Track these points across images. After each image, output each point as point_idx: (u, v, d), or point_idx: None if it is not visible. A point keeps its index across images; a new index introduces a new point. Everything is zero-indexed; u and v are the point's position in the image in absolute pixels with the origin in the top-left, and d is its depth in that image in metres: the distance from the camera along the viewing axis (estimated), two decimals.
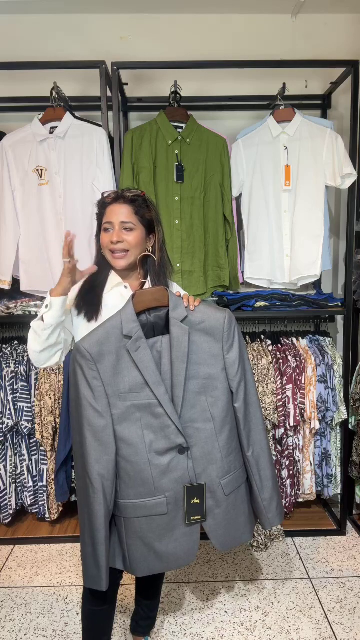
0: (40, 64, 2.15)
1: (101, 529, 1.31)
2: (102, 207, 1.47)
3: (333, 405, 2.29)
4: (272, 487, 1.47)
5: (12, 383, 2.28)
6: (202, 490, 1.37)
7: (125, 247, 1.43)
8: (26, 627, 1.84)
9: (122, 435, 1.33)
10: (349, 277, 2.27)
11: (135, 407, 1.33)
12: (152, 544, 1.37)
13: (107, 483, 1.32)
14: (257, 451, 1.45)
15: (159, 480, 1.34)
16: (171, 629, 1.83)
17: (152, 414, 1.33)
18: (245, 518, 1.47)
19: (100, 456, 1.31)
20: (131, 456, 1.33)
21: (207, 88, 2.48)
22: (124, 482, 1.35)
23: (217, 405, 1.38)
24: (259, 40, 2.50)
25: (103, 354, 1.31)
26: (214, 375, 1.38)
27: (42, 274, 2.21)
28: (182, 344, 1.33)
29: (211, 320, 1.37)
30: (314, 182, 2.20)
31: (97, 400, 1.31)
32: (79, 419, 1.32)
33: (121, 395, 1.32)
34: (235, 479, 1.42)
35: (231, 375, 1.39)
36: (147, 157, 2.17)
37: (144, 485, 1.34)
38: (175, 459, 1.35)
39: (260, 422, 1.47)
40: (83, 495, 1.34)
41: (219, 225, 2.24)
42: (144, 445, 1.33)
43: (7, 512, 2.35)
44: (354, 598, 1.96)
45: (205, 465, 1.38)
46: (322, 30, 2.52)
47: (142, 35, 2.49)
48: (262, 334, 2.44)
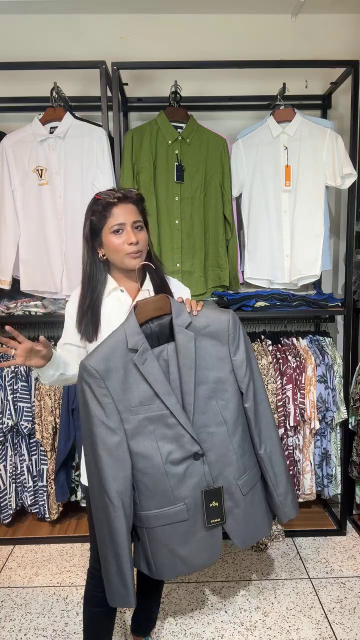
0: (40, 64, 2.15)
1: (125, 546, 1.31)
2: (105, 209, 1.41)
3: (333, 405, 2.29)
4: (286, 482, 1.48)
5: (12, 383, 2.28)
6: (219, 493, 1.37)
7: (139, 248, 1.40)
8: (26, 627, 1.84)
9: (137, 449, 1.32)
10: (349, 277, 2.27)
11: (147, 419, 1.32)
12: (176, 550, 1.36)
13: (125, 499, 1.31)
14: (269, 448, 1.45)
15: (177, 488, 1.34)
16: (171, 629, 1.83)
17: (165, 424, 1.32)
18: (263, 514, 1.47)
19: (117, 473, 1.29)
20: (147, 469, 1.33)
21: (207, 88, 2.48)
22: (143, 494, 1.34)
23: (228, 408, 1.38)
24: (259, 40, 2.50)
25: (110, 370, 1.29)
26: (222, 378, 1.37)
27: (42, 274, 2.21)
28: (188, 351, 1.32)
29: (215, 324, 1.36)
30: (314, 182, 2.20)
31: (109, 417, 1.29)
32: (91, 438, 1.30)
33: (132, 409, 1.31)
34: (251, 478, 1.42)
35: (240, 376, 1.39)
36: (147, 157, 2.17)
37: (163, 495, 1.33)
38: (191, 466, 1.35)
39: (271, 419, 1.47)
40: (102, 513, 1.32)
41: (219, 225, 2.24)
42: (159, 456, 1.32)
43: (7, 512, 2.35)
44: (354, 598, 1.96)
45: (222, 468, 1.38)
46: (322, 30, 2.52)
47: (142, 35, 2.49)
48: (262, 334, 2.44)
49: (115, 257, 1.42)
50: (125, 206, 1.41)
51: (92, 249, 1.45)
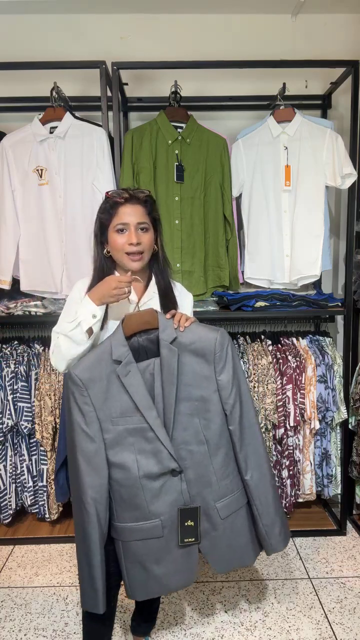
0: (40, 64, 2.15)
1: (96, 553, 1.32)
2: (112, 208, 1.42)
3: (333, 405, 2.29)
4: (274, 513, 1.44)
5: (12, 383, 2.28)
6: (196, 512, 1.35)
7: (141, 249, 1.40)
8: (26, 627, 1.84)
9: (115, 460, 1.33)
10: (349, 277, 2.27)
11: (127, 431, 1.33)
12: (149, 567, 1.36)
13: (100, 507, 1.32)
14: (256, 476, 1.41)
15: (152, 503, 1.33)
16: (171, 629, 1.83)
17: (144, 438, 1.32)
18: (245, 541, 1.44)
19: (93, 480, 1.31)
20: (124, 480, 1.33)
21: (207, 88, 2.48)
22: (119, 505, 1.35)
23: (210, 428, 1.36)
24: (259, 40, 2.50)
25: (94, 380, 1.30)
26: (206, 397, 1.35)
27: (42, 274, 2.20)
28: (171, 366, 1.31)
29: (202, 341, 1.34)
30: (314, 182, 2.20)
31: (88, 425, 1.31)
32: (72, 444, 1.33)
33: (113, 419, 1.32)
34: (233, 503, 1.40)
35: (224, 397, 1.36)
36: (147, 157, 2.17)
37: (138, 509, 1.34)
38: (168, 482, 1.34)
39: (260, 446, 1.43)
40: (78, 518, 1.34)
41: (219, 225, 2.24)
42: (136, 469, 1.32)
43: (7, 512, 2.35)
44: (354, 598, 1.96)
45: (201, 487, 1.36)
46: (322, 30, 2.52)
47: (142, 35, 2.49)
48: (262, 334, 2.44)
49: (117, 256, 1.43)
50: (132, 206, 1.41)
51: (101, 244, 1.47)
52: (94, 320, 1.35)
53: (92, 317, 1.35)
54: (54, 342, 1.42)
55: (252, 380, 2.23)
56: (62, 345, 1.37)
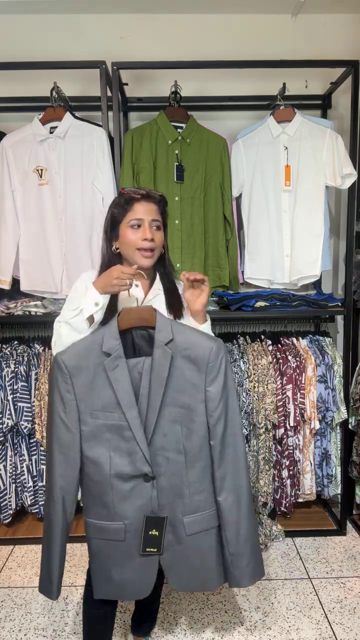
0: (40, 64, 2.15)
1: (56, 541, 1.31)
2: (127, 203, 1.42)
3: (333, 405, 2.29)
4: (243, 542, 1.33)
5: (12, 383, 2.28)
6: (162, 522, 1.30)
7: (153, 246, 1.41)
8: (26, 627, 1.84)
9: (89, 454, 1.30)
10: (349, 277, 2.27)
11: (105, 426, 1.29)
12: (109, 570, 1.34)
13: (67, 497, 1.31)
14: (230, 499, 1.32)
15: (119, 505, 1.30)
16: (171, 629, 1.83)
17: (121, 436, 1.29)
18: (212, 564, 1.36)
19: (65, 470, 1.30)
20: (95, 475, 1.31)
21: (207, 88, 2.48)
22: (89, 500, 1.34)
23: (190, 438, 1.30)
24: (259, 40, 2.50)
25: (80, 368, 1.27)
26: (192, 405, 1.30)
27: (42, 274, 2.20)
28: (162, 368, 1.27)
29: (197, 348, 1.29)
30: (314, 182, 2.20)
31: (67, 414, 1.28)
32: (50, 430, 1.32)
33: (93, 412, 1.29)
34: (202, 521, 1.33)
35: (210, 409, 1.30)
36: (147, 157, 2.17)
37: (104, 507, 1.32)
38: (139, 486, 1.30)
39: (242, 468, 1.34)
40: (45, 505, 1.35)
41: (219, 225, 2.24)
42: (108, 467, 1.29)
43: (7, 512, 2.35)
44: (354, 598, 1.96)
45: (171, 498, 1.31)
46: (322, 30, 2.52)
47: (142, 35, 2.49)
48: (262, 334, 2.44)
49: (128, 252, 1.43)
50: (147, 204, 1.42)
51: (109, 240, 1.47)
52: (95, 308, 1.34)
53: (95, 304, 1.33)
54: (56, 332, 1.41)
55: (252, 380, 2.23)
56: (63, 334, 1.36)
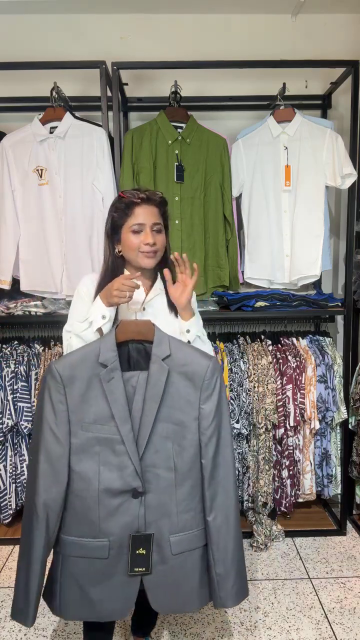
0: (40, 64, 2.15)
1: (38, 562, 1.24)
2: (128, 208, 1.43)
3: (333, 405, 2.29)
4: (230, 563, 1.31)
5: (12, 383, 2.28)
6: (149, 540, 1.27)
7: (155, 249, 1.43)
8: (26, 627, 1.84)
9: (77, 468, 1.25)
10: (349, 277, 2.27)
11: (96, 439, 1.26)
12: (86, 589, 1.28)
13: (52, 514, 1.24)
14: (219, 519, 1.31)
15: (105, 521, 1.26)
16: (171, 629, 1.83)
17: (112, 450, 1.26)
18: (194, 586, 1.33)
19: (51, 485, 1.24)
20: (81, 491, 1.25)
21: (207, 88, 2.48)
22: (70, 517, 1.27)
23: (182, 456, 1.29)
24: (259, 40, 2.50)
25: (74, 378, 1.24)
26: (185, 422, 1.29)
27: (42, 274, 2.20)
28: (158, 383, 1.26)
29: (194, 365, 1.29)
30: (314, 182, 2.20)
31: (58, 425, 1.24)
32: (37, 441, 1.26)
33: (84, 425, 1.25)
34: (189, 541, 1.31)
35: (203, 427, 1.29)
36: (147, 157, 2.17)
37: (88, 524, 1.26)
38: (126, 502, 1.27)
39: (231, 489, 1.33)
40: (26, 521, 1.27)
41: (219, 225, 2.24)
42: (97, 482, 1.25)
43: (7, 512, 2.35)
44: (354, 598, 1.96)
45: (158, 516, 1.29)
46: (322, 30, 2.52)
47: (142, 35, 2.49)
48: (262, 334, 2.44)
49: (131, 255, 1.44)
50: (147, 207, 1.43)
51: (112, 243, 1.48)
52: (103, 321, 1.36)
53: (102, 317, 1.36)
54: (66, 342, 1.43)
55: (252, 380, 2.23)
56: (74, 346, 1.38)
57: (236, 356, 2.28)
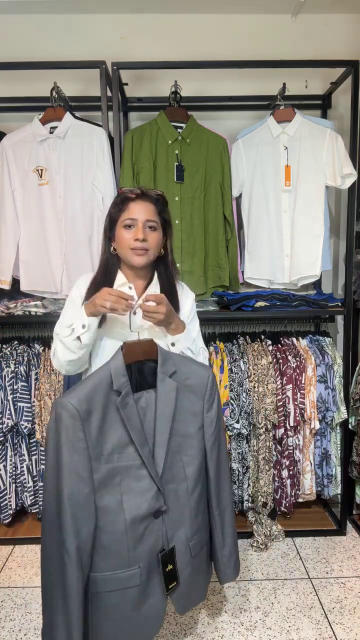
0: (40, 64, 2.15)
1: (78, 609, 1.15)
2: (123, 203, 1.42)
3: (333, 405, 2.29)
4: (232, 544, 1.45)
5: (12, 383, 2.28)
6: (173, 554, 1.30)
7: (146, 246, 1.39)
8: (26, 627, 1.84)
9: (100, 503, 1.20)
10: (349, 277, 2.27)
11: (116, 469, 1.21)
12: (121, 621, 1.24)
13: (84, 556, 1.18)
14: (222, 507, 1.41)
15: (133, 549, 1.23)
16: (171, 629, 1.83)
17: (133, 476, 1.23)
18: (203, 578, 1.44)
19: (81, 528, 1.16)
20: (107, 526, 1.20)
21: (207, 88, 2.48)
22: (97, 553, 1.22)
23: (191, 465, 1.33)
24: (259, 40, 2.50)
25: (91, 412, 1.19)
26: (191, 433, 1.32)
27: (42, 274, 2.20)
28: (169, 400, 1.27)
29: (195, 377, 1.31)
30: (314, 182, 2.20)
31: (81, 466, 1.17)
32: (58, 488, 1.17)
33: (104, 457, 1.20)
34: (201, 539, 1.38)
35: (208, 434, 1.35)
36: (147, 157, 2.17)
37: (117, 556, 1.22)
38: (150, 524, 1.25)
39: (228, 479, 1.44)
40: (56, 570, 1.17)
41: (219, 225, 2.24)
42: (122, 512, 1.21)
43: (7, 512, 2.35)
44: (354, 598, 1.96)
45: (177, 527, 1.31)
46: (322, 30, 2.52)
47: (142, 35, 2.49)
48: (262, 334, 2.44)
49: (122, 252, 1.43)
50: (142, 203, 1.41)
51: (108, 240, 1.47)
52: (82, 331, 1.33)
53: (82, 327, 1.33)
54: (54, 345, 1.43)
55: (252, 380, 2.23)
56: (58, 350, 1.39)
57: (236, 356, 2.28)
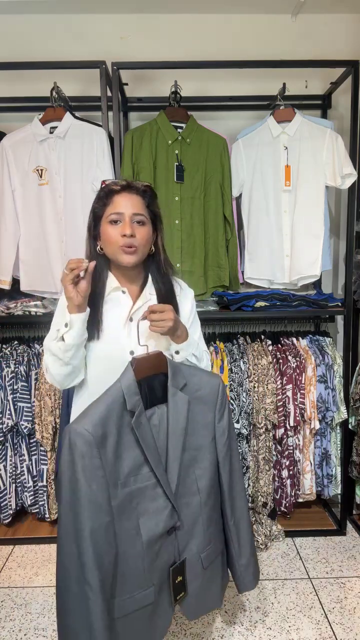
0: (40, 64, 2.15)
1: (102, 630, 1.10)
2: (107, 196, 1.30)
3: (333, 405, 2.29)
4: (249, 553, 1.41)
5: (12, 383, 2.28)
6: (183, 566, 1.28)
7: (134, 243, 1.27)
8: (26, 627, 1.84)
9: (118, 530, 1.14)
10: (349, 277, 2.27)
11: (132, 493, 1.16)
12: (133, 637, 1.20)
13: (107, 588, 1.12)
14: (237, 516, 1.37)
15: (149, 570, 1.19)
16: (171, 628, 1.83)
17: (148, 497, 1.18)
18: (217, 587, 1.40)
19: (103, 559, 1.09)
20: (125, 552, 1.15)
21: (207, 88, 2.48)
22: (116, 581, 1.16)
23: (204, 477, 1.28)
24: (259, 40, 2.50)
25: (106, 436, 1.11)
26: (204, 446, 1.28)
27: (42, 274, 2.21)
28: (181, 415, 1.21)
29: (206, 387, 1.27)
30: (314, 182, 2.20)
31: (100, 495, 1.09)
32: (77, 524, 1.09)
33: (120, 482, 1.14)
34: (214, 551, 1.34)
35: (220, 444, 1.30)
36: (147, 157, 2.17)
37: (135, 579, 1.17)
38: (164, 542, 1.22)
39: (242, 488, 1.39)
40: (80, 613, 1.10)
41: (219, 225, 2.24)
42: (139, 536, 1.16)
43: (7, 512, 2.35)
44: (354, 598, 1.96)
45: (188, 540, 1.28)
46: (322, 30, 2.52)
47: (142, 35, 2.49)
48: (262, 334, 2.44)
49: (109, 250, 1.31)
50: (128, 196, 1.29)
51: (94, 239, 1.35)
52: (65, 329, 1.22)
53: (65, 325, 1.23)
54: (45, 359, 1.32)
55: (252, 380, 2.23)
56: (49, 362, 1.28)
57: (236, 356, 2.28)
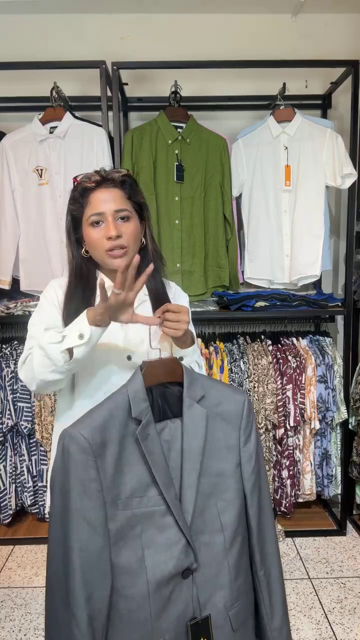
0: (40, 64, 2.15)
1: None
2: (82, 196, 1.15)
3: (333, 405, 2.29)
4: (282, 614, 1.14)
5: (12, 383, 2.28)
6: (207, 624, 1.03)
7: (123, 243, 1.14)
8: (26, 627, 1.84)
9: (117, 560, 0.96)
10: (349, 277, 2.27)
11: (135, 517, 0.98)
12: None
13: (98, 626, 0.94)
14: (268, 566, 1.11)
15: (158, 618, 0.98)
16: None
17: (156, 525, 0.99)
18: None
19: (93, 591, 0.93)
20: (126, 588, 0.96)
21: (207, 88, 2.48)
22: (114, 625, 0.97)
23: (228, 511, 1.05)
24: (259, 40, 2.50)
25: (105, 445, 0.95)
26: (227, 472, 1.06)
27: (42, 274, 2.20)
28: (198, 432, 1.03)
29: (229, 403, 1.07)
30: (314, 182, 2.20)
31: (94, 512, 0.93)
32: (66, 540, 0.95)
33: (121, 501, 0.97)
34: (245, 608, 1.08)
35: (247, 472, 1.07)
36: (147, 157, 2.17)
37: (138, 627, 0.97)
38: (177, 587, 1.00)
39: (273, 530, 1.14)
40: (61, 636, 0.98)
41: (219, 225, 2.24)
42: (144, 572, 0.96)
43: (7, 512, 2.35)
44: (354, 598, 1.96)
45: (211, 591, 1.04)
46: (322, 30, 2.52)
47: (142, 35, 2.49)
48: (262, 334, 2.44)
49: (96, 254, 1.17)
50: (106, 191, 1.15)
51: (77, 243, 1.21)
52: (79, 342, 1.04)
53: (79, 336, 1.04)
54: (26, 352, 1.14)
55: (252, 381, 2.23)
56: (35, 358, 1.09)
57: (236, 356, 2.28)
